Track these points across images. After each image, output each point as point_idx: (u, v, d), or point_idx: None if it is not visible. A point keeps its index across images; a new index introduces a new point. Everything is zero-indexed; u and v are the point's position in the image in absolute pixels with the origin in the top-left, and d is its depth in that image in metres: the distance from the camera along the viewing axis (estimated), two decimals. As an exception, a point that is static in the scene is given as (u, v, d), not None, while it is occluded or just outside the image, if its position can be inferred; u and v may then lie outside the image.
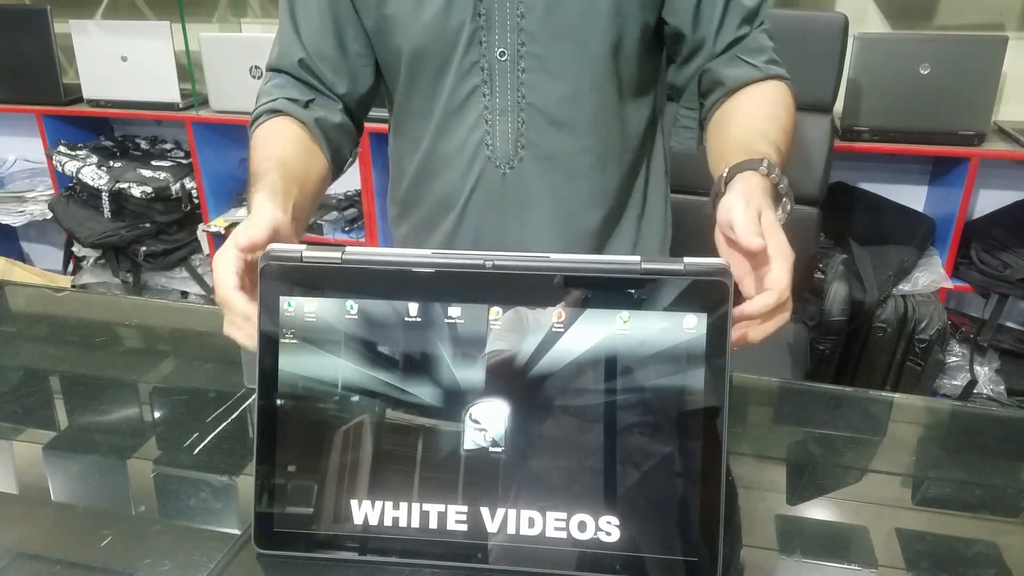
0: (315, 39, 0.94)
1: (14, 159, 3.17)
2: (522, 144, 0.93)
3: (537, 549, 0.61)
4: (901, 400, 0.92)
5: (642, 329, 0.60)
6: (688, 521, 0.60)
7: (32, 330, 1.11)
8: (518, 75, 0.90)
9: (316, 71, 0.94)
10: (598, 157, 0.96)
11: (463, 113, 0.93)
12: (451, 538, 0.62)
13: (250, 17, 2.87)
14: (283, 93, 0.93)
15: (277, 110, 0.91)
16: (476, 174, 0.96)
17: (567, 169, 0.95)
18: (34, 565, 0.64)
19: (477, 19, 0.88)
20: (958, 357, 2.31)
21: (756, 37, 0.96)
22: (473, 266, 0.61)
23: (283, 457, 0.64)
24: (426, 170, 0.99)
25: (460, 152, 0.95)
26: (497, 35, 0.89)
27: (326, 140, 0.92)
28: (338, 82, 0.95)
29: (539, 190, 0.96)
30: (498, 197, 0.96)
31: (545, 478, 0.62)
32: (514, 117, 0.92)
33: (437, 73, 0.92)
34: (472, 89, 0.91)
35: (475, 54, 0.90)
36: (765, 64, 0.94)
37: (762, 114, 0.89)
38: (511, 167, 0.94)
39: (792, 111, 0.91)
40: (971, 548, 0.66)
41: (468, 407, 0.62)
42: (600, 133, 0.95)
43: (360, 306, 0.63)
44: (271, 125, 0.90)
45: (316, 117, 0.92)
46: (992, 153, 2.13)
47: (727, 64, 0.95)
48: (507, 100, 0.91)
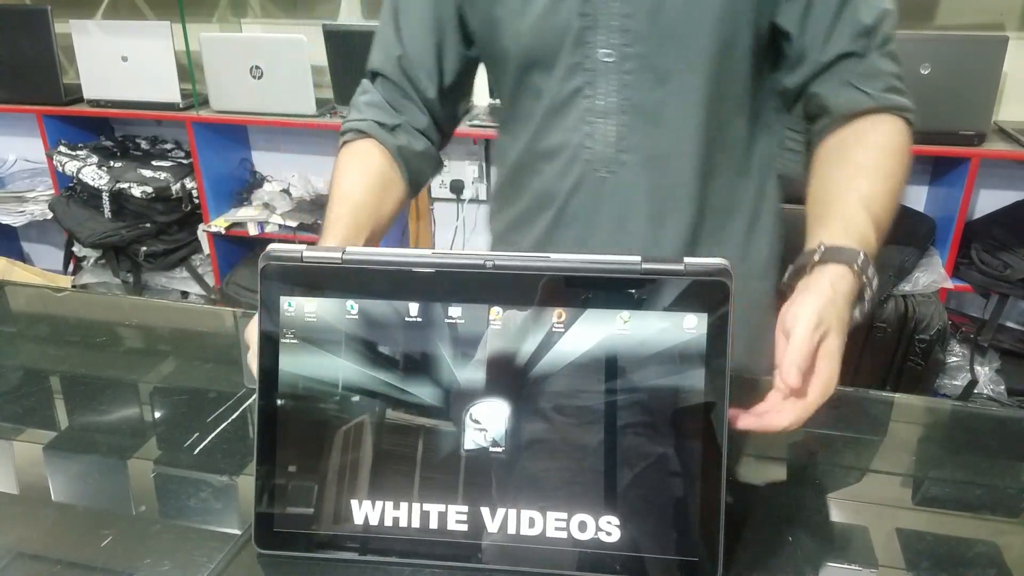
0: (415, 43, 0.95)
1: (14, 159, 3.17)
2: (623, 148, 0.91)
3: (537, 549, 0.61)
4: (901, 400, 0.92)
5: (642, 329, 0.60)
6: (688, 521, 0.60)
7: (32, 330, 1.11)
8: (622, 76, 0.88)
9: (412, 75, 0.96)
10: (701, 163, 0.92)
11: (564, 114, 0.91)
12: (451, 538, 0.62)
13: (250, 17, 2.87)
14: (373, 115, 0.96)
15: (364, 132, 0.95)
16: (575, 176, 0.93)
17: (669, 174, 0.92)
18: (34, 565, 0.64)
19: (583, 19, 0.86)
20: (958, 357, 2.31)
21: (874, 60, 0.87)
22: (473, 266, 0.61)
23: (283, 457, 0.64)
24: (524, 168, 0.98)
25: (559, 153, 0.93)
26: (602, 36, 0.86)
27: (406, 167, 0.96)
28: (431, 87, 0.97)
29: (639, 194, 0.93)
30: (596, 200, 0.94)
31: (545, 478, 0.62)
32: (616, 120, 0.90)
33: (542, 74, 0.91)
34: (575, 90, 0.90)
35: (579, 55, 0.88)
36: (881, 92, 0.86)
37: (871, 170, 0.82)
38: (611, 171, 0.92)
39: (906, 160, 0.85)
40: (971, 548, 0.66)
41: (468, 407, 0.62)
42: (704, 139, 0.91)
43: (360, 306, 0.63)
44: (356, 150, 0.95)
45: (399, 145, 0.95)
46: (992, 153, 2.13)
47: (836, 88, 0.88)
48: (610, 102, 0.89)
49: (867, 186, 0.80)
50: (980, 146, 2.12)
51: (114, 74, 2.68)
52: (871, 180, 0.81)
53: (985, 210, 2.39)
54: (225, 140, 2.86)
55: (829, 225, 0.76)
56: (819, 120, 0.90)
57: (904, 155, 0.85)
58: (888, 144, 0.85)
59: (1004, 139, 2.19)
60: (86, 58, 2.70)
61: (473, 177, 2.76)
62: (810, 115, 0.92)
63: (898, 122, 0.87)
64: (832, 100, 0.88)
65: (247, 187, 2.94)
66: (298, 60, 2.51)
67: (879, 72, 0.87)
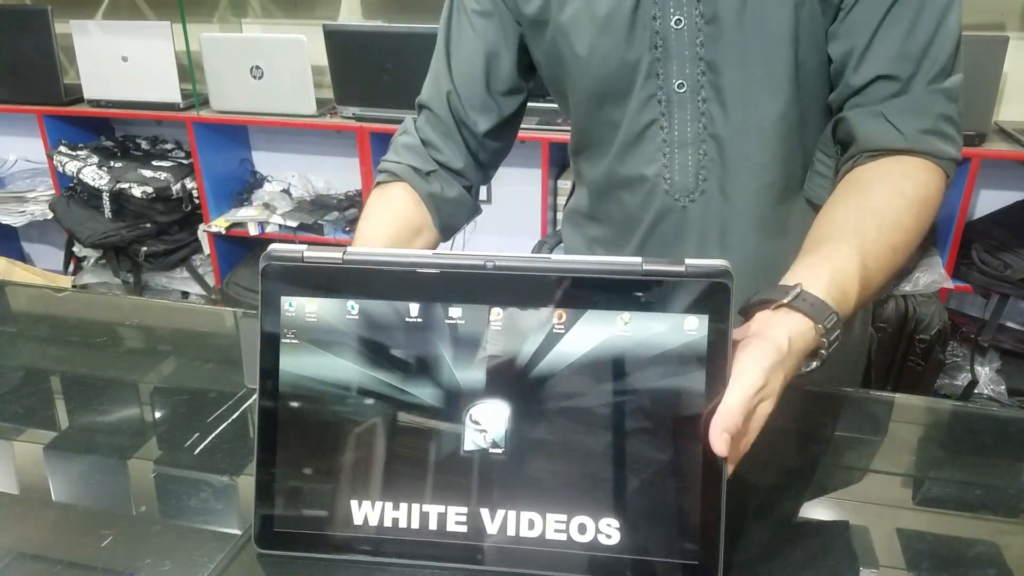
0: (465, 78, 0.95)
1: (15, 159, 3.17)
2: (703, 177, 0.89)
3: (536, 551, 0.61)
4: (902, 400, 0.92)
5: (643, 331, 0.60)
6: (689, 524, 0.60)
7: (33, 330, 1.11)
8: (698, 105, 0.86)
9: (459, 113, 0.95)
10: (782, 190, 0.89)
11: (640, 145, 0.90)
12: (451, 539, 0.62)
13: (251, 17, 2.87)
14: (408, 159, 0.96)
15: (397, 175, 0.96)
16: (656, 207, 0.92)
17: (751, 203, 0.90)
18: (35, 565, 0.64)
19: (654, 51, 0.85)
20: (959, 357, 2.31)
21: (919, 93, 0.78)
22: (474, 267, 0.61)
23: (283, 457, 0.63)
24: (606, 195, 0.97)
25: (638, 183, 0.92)
26: (675, 66, 0.85)
27: (437, 213, 0.96)
28: (480, 121, 0.96)
29: (721, 224, 0.91)
30: (679, 228, 0.92)
31: (545, 480, 0.62)
32: (695, 149, 0.88)
33: (615, 106, 0.90)
34: (649, 122, 0.88)
35: (652, 87, 0.86)
36: (918, 133, 0.78)
37: (883, 219, 0.74)
38: (691, 200, 0.90)
39: (926, 215, 0.77)
40: (972, 548, 0.66)
41: (468, 408, 0.62)
42: (784, 165, 0.88)
43: (361, 306, 0.63)
44: (386, 194, 0.95)
45: (431, 191, 0.95)
46: (993, 153, 2.13)
47: (867, 118, 0.80)
48: (687, 132, 0.87)
49: (872, 235, 0.73)
50: (980, 146, 2.11)
51: (114, 74, 2.68)
52: (879, 230, 0.74)
53: (985, 210, 2.39)
54: (225, 140, 2.86)
55: (817, 269, 0.69)
56: (846, 148, 0.84)
57: (926, 211, 0.77)
58: (913, 195, 0.76)
59: (1004, 139, 2.19)
60: (86, 58, 2.70)
61: (473, 177, 2.76)
62: (839, 140, 0.86)
63: (934, 171, 0.78)
64: (860, 130, 0.81)
65: (247, 187, 2.94)
66: (298, 60, 2.51)
67: (923, 109, 0.78)
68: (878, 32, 0.79)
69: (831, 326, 0.65)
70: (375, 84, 2.43)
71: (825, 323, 0.65)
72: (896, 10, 0.79)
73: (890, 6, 0.79)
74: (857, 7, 0.80)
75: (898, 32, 0.79)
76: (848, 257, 0.71)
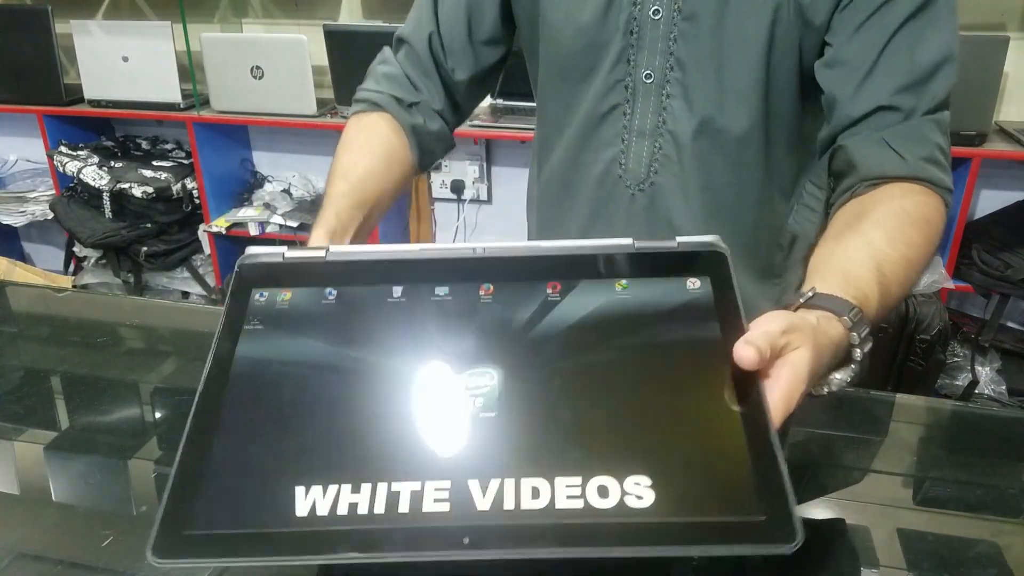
0: (450, 24, 0.94)
1: (15, 159, 3.17)
2: (655, 169, 0.89)
3: (544, 525, 0.48)
4: (902, 400, 0.92)
5: (643, 293, 0.57)
6: (739, 475, 0.49)
7: (33, 331, 1.11)
8: (662, 99, 0.86)
9: (439, 56, 0.95)
10: (734, 198, 0.89)
11: (601, 128, 0.90)
12: (428, 522, 0.48)
13: (251, 17, 2.87)
14: (391, 88, 0.94)
15: (379, 105, 0.93)
16: (606, 191, 0.92)
17: (699, 204, 0.89)
18: (35, 565, 0.64)
19: (629, 36, 0.84)
20: (959, 357, 2.31)
21: (920, 124, 0.77)
22: (463, 252, 0.59)
23: (219, 446, 0.52)
24: (559, 173, 0.97)
25: (593, 166, 0.92)
26: (646, 56, 0.85)
27: (418, 145, 0.94)
28: (458, 68, 0.96)
29: (664, 219, 0.90)
30: (624, 218, 0.92)
31: (550, 439, 0.51)
32: (651, 141, 0.88)
33: (581, 85, 0.90)
34: (613, 106, 0.88)
35: (621, 72, 0.86)
36: (919, 161, 0.75)
37: (890, 231, 0.70)
38: (641, 189, 0.90)
39: (933, 235, 0.74)
40: (972, 548, 0.66)
41: (454, 377, 0.54)
42: (740, 173, 0.87)
43: (340, 291, 0.59)
44: (365, 124, 0.93)
45: (414, 123, 0.94)
46: (993, 153, 2.13)
47: (867, 145, 0.77)
48: (646, 123, 0.88)
49: (883, 244, 0.68)
50: (981, 146, 2.11)
51: (115, 74, 2.68)
52: (889, 240, 0.69)
53: (986, 210, 2.39)
54: (226, 140, 2.86)
55: (827, 276, 0.65)
56: (844, 179, 0.80)
57: (931, 230, 0.73)
58: (916, 213, 0.73)
59: (1005, 139, 2.19)
60: (87, 58, 2.70)
61: (474, 177, 2.76)
62: (835, 171, 0.82)
63: (933, 197, 0.76)
64: (860, 157, 0.77)
65: (248, 187, 2.94)
66: (299, 60, 2.51)
67: (922, 137, 0.76)
68: (880, 60, 0.77)
69: (857, 320, 0.60)
70: (375, 84, 2.43)
71: (851, 316, 0.60)
72: (899, 39, 0.76)
73: (893, 33, 0.76)
74: (858, 35, 0.77)
75: (902, 61, 0.76)
76: (862, 263, 0.66)
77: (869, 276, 0.65)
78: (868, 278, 0.65)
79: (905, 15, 0.76)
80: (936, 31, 0.76)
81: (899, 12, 0.76)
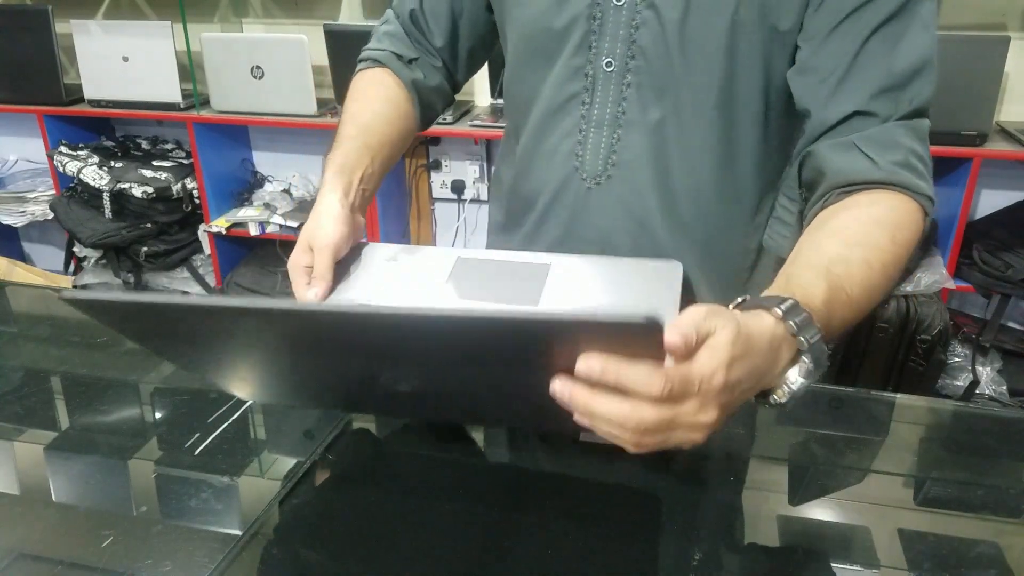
0: (431, 1, 0.96)
1: (15, 159, 3.17)
2: (612, 162, 0.87)
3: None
4: (903, 400, 0.92)
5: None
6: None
7: (33, 331, 1.11)
8: (621, 89, 0.84)
9: (423, 28, 0.98)
10: (694, 198, 0.86)
11: (560, 117, 0.89)
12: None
13: (251, 17, 2.87)
14: (392, 46, 0.97)
15: (380, 62, 0.96)
16: (560, 182, 0.90)
17: (656, 201, 0.87)
18: (35, 566, 0.64)
19: (591, 22, 0.83)
20: (960, 357, 2.31)
21: (892, 129, 0.73)
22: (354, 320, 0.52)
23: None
24: (521, 162, 0.96)
25: (551, 156, 0.91)
26: (608, 43, 0.83)
27: (419, 100, 0.97)
28: (444, 46, 0.98)
29: (622, 215, 0.89)
30: (579, 211, 0.90)
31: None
32: (609, 133, 0.86)
33: (543, 69, 0.89)
34: (572, 94, 0.87)
35: (582, 59, 0.85)
36: (892, 164, 0.71)
37: (848, 237, 0.67)
38: (597, 183, 0.88)
39: (904, 239, 0.69)
40: (973, 549, 0.66)
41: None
42: (699, 172, 0.85)
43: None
44: (371, 76, 0.97)
45: (414, 78, 0.97)
46: (994, 153, 2.13)
47: (837, 151, 0.74)
48: (605, 113, 0.86)
49: (835, 249, 0.66)
50: (982, 146, 2.11)
51: (115, 74, 2.68)
52: (844, 244, 0.67)
53: (987, 210, 2.39)
54: (226, 140, 2.85)
55: (772, 284, 0.64)
56: (815, 188, 0.77)
57: (903, 233, 0.69)
58: (884, 217, 0.69)
59: (1006, 139, 2.19)
60: (87, 58, 2.69)
61: (474, 177, 2.76)
62: (806, 181, 0.79)
63: (908, 203, 0.71)
64: (829, 163, 0.74)
65: (248, 187, 2.94)
66: (299, 60, 2.51)
67: (895, 143, 0.73)
68: (855, 64, 0.74)
69: (789, 309, 0.57)
70: (376, 84, 2.43)
71: (782, 307, 0.57)
72: (874, 43, 0.74)
73: (867, 37, 0.74)
74: (831, 39, 0.75)
75: (878, 65, 0.73)
76: (806, 266, 0.64)
77: (811, 275, 0.63)
78: (810, 277, 0.63)
79: (881, 19, 0.73)
80: (913, 36, 0.74)
81: (874, 16, 0.73)
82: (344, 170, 0.86)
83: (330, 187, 0.84)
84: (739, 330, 0.53)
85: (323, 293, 0.78)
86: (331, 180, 0.85)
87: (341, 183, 0.84)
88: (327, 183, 0.85)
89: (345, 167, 0.86)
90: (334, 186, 0.84)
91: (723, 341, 0.52)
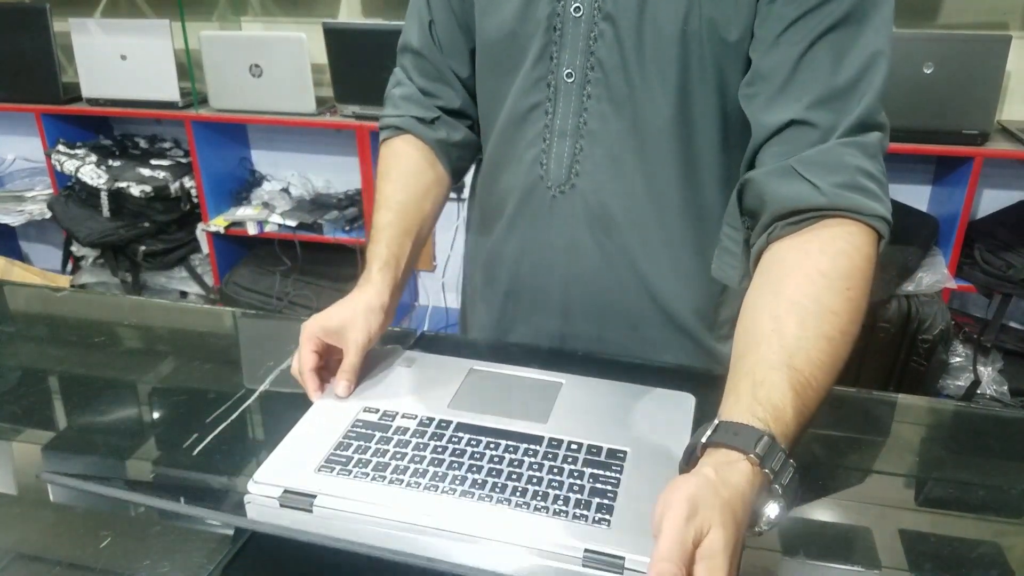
0: (441, 12, 0.94)
1: (13, 158, 3.17)
2: (576, 171, 0.87)
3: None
4: (904, 400, 0.91)
5: None
6: None
7: (31, 330, 1.11)
8: (583, 100, 0.85)
9: (443, 44, 0.95)
10: (655, 207, 0.86)
11: (524, 127, 0.90)
12: None
13: (250, 15, 2.87)
14: (410, 110, 0.96)
15: (402, 128, 0.96)
16: (526, 190, 0.91)
17: (620, 210, 0.87)
18: (34, 566, 0.64)
19: (552, 33, 0.83)
20: (961, 357, 2.31)
21: (834, 149, 0.69)
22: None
23: None
24: (489, 169, 0.97)
25: (517, 164, 0.91)
26: (568, 54, 0.83)
27: (447, 159, 0.97)
28: (460, 65, 0.96)
29: (586, 223, 0.89)
30: (544, 219, 0.91)
31: None
32: (572, 142, 0.87)
33: (506, 77, 0.89)
34: (535, 104, 0.88)
35: (543, 69, 0.85)
36: (835, 188, 0.67)
37: (805, 309, 0.64)
38: (562, 192, 0.89)
39: (859, 286, 0.66)
40: (974, 549, 0.66)
41: None
42: (659, 183, 0.85)
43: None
44: (397, 149, 0.97)
45: (438, 138, 0.96)
46: (996, 152, 2.13)
47: (776, 177, 0.71)
48: (568, 123, 0.86)
49: (794, 331, 0.63)
50: (983, 145, 2.11)
51: (113, 73, 2.68)
52: (801, 323, 0.63)
53: (988, 210, 2.39)
54: (224, 139, 2.85)
55: (737, 387, 0.61)
56: (758, 216, 0.73)
57: (856, 285, 0.66)
58: (835, 272, 0.66)
59: (1007, 138, 2.19)
60: (85, 57, 2.69)
61: (473, 176, 2.76)
62: (747, 209, 0.76)
63: (861, 234, 0.68)
64: (770, 191, 0.70)
65: (246, 186, 2.93)
66: (298, 58, 2.50)
67: (838, 163, 0.68)
68: (797, 71, 0.71)
69: (767, 451, 0.56)
70: (375, 82, 2.41)
71: (755, 451, 0.56)
72: (819, 49, 0.71)
73: (812, 43, 0.71)
74: (776, 46, 0.73)
75: (821, 73, 0.70)
76: (769, 366, 0.61)
77: (780, 380, 0.60)
78: (779, 383, 0.60)
79: (826, 26, 0.70)
80: (863, 43, 0.70)
81: (820, 23, 0.70)
82: (389, 265, 0.87)
83: (374, 283, 0.85)
84: (727, 518, 0.52)
85: (349, 390, 0.79)
86: (376, 277, 0.86)
87: (387, 280, 0.86)
88: (372, 280, 0.85)
89: (390, 262, 0.87)
90: (378, 282, 0.85)
91: (718, 549, 0.51)
